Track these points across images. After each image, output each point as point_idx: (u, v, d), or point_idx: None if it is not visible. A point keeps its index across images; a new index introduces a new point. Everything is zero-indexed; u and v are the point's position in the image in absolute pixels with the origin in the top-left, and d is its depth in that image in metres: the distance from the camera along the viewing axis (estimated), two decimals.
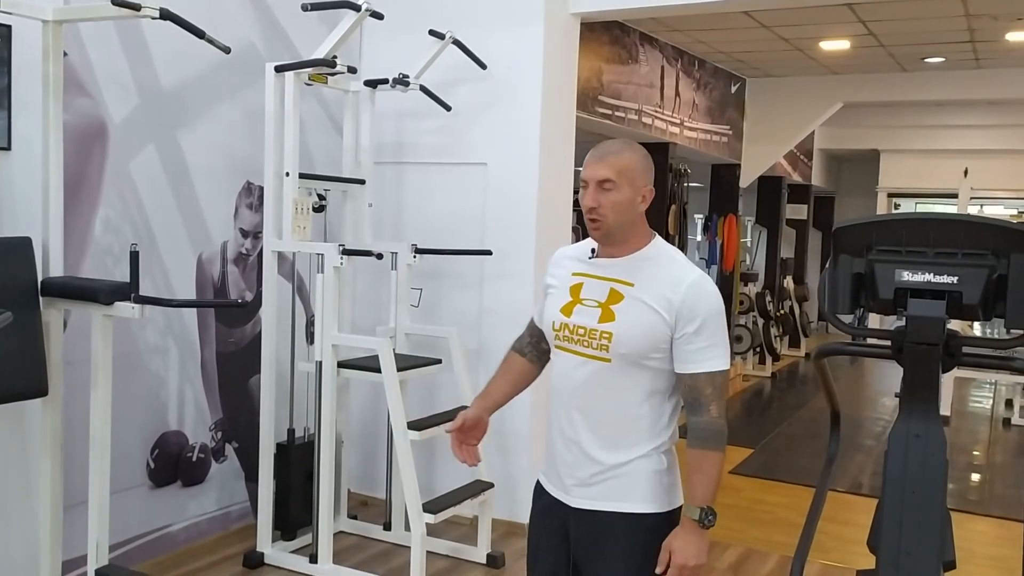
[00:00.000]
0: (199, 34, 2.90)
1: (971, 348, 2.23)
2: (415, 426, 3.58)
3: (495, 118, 4.32)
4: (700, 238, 9.27)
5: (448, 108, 4.27)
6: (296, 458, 3.95)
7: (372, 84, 4.09)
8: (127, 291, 2.76)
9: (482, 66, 4.23)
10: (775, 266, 10.95)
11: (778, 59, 8.04)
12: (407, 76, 4.06)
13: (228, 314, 4.00)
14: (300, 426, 4.10)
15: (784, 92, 8.98)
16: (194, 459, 3.89)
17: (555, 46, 4.30)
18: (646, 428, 1.99)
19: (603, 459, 2.01)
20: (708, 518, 1.92)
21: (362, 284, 4.57)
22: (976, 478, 6.20)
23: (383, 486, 4.28)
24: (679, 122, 7.53)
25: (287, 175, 3.65)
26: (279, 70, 3.64)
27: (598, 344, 1.97)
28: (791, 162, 11.07)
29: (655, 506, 1.99)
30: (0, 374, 2.65)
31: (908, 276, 2.16)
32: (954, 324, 2.23)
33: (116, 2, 2.62)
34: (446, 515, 3.65)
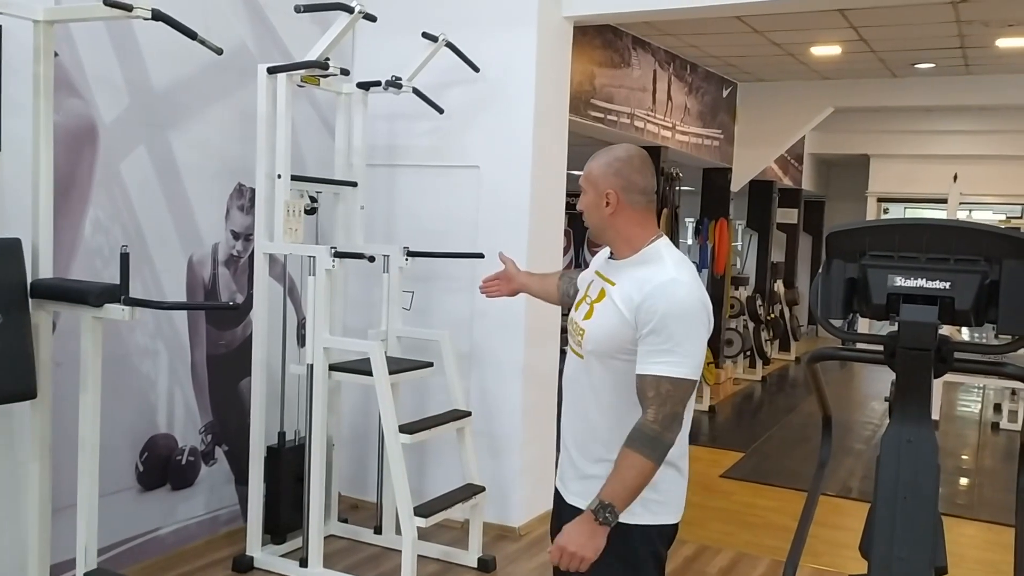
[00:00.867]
0: (191, 35, 2.89)
1: (963, 353, 2.23)
2: (406, 429, 3.57)
3: (488, 121, 4.32)
4: (691, 242, 9.29)
5: (441, 111, 4.27)
6: (286, 461, 3.94)
7: (365, 86, 4.08)
8: (117, 293, 2.75)
9: (475, 69, 4.23)
10: (765, 270, 10.98)
11: (769, 64, 8.07)
12: (400, 78, 4.05)
13: (219, 316, 3.98)
14: (291, 429, 4.09)
15: (775, 97, 9.01)
16: (183, 462, 3.87)
17: (548, 49, 4.30)
18: (610, 428, 1.98)
19: (578, 456, 2.08)
20: (603, 514, 1.84)
21: (354, 287, 4.56)
22: (965, 482, 6.23)
23: (374, 489, 4.27)
24: (671, 126, 7.54)
25: (279, 177, 3.64)
26: (271, 71, 3.63)
27: (577, 340, 2.07)
28: (782, 166, 11.10)
29: (624, 516, 1.89)
30: None
31: (901, 281, 2.17)
32: (943, 329, 2.23)
33: (108, 2, 2.60)
34: (437, 519, 3.64)
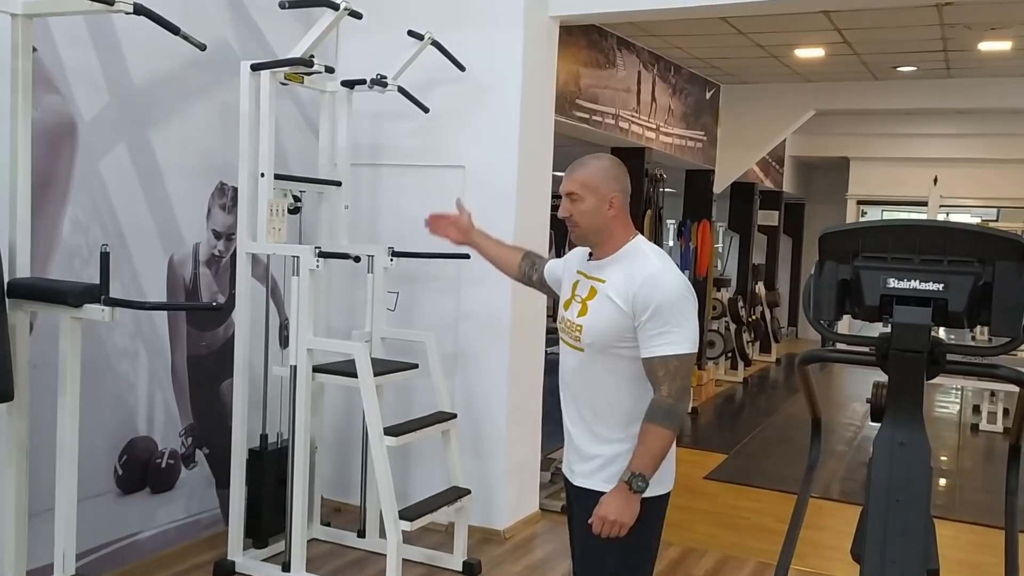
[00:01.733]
0: (173, 30, 2.84)
1: (955, 355, 2.23)
2: (392, 432, 3.53)
3: (474, 120, 4.29)
4: (673, 243, 9.31)
5: (426, 110, 4.23)
6: (269, 464, 3.88)
7: (349, 84, 4.04)
8: (96, 293, 2.69)
9: (461, 68, 4.20)
10: (747, 272, 11.03)
11: (753, 66, 8.09)
12: (385, 77, 4.01)
13: (200, 317, 3.93)
14: (273, 431, 4.03)
15: (758, 99, 9.05)
16: (163, 465, 3.81)
17: (534, 49, 4.28)
18: (625, 412, 2.19)
19: (588, 441, 2.26)
20: (637, 483, 2.07)
21: (337, 287, 4.51)
22: (944, 483, 6.26)
23: (357, 492, 4.22)
24: (655, 127, 7.54)
25: (262, 176, 3.60)
26: (255, 69, 3.58)
27: (575, 336, 2.25)
28: (763, 169, 11.15)
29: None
30: None
31: (894, 283, 2.16)
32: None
33: None
34: (422, 522, 3.59)
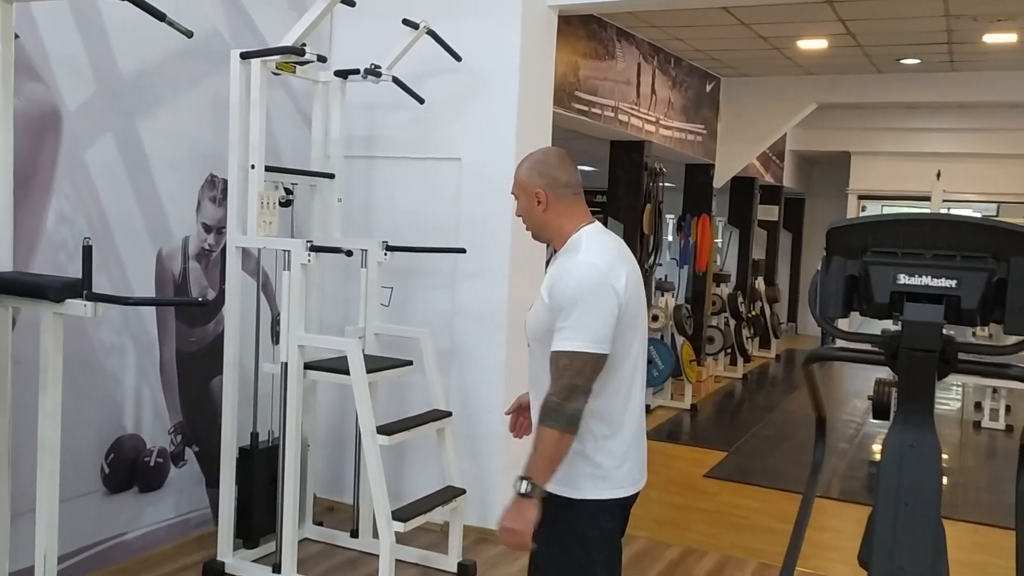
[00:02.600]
0: (159, 16, 2.78)
1: (967, 354, 2.15)
2: (385, 430, 3.47)
3: (470, 112, 4.21)
4: (672, 238, 9.22)
5: (421, 101, 4.15)
6: (260, 463, 3.82)
7: (343, 74, 3.97)
8: (79, 288, 2.61)
9: (457, 58, 4.12)
10: (747, 267, 10.95)
11: (754, 58, 8.00)
12: (379, 67, 3.94)
13: (189, 313, 3.85)
14: (264, 429, 3.96)
15: (759, 92, 8.96)
16: (152, 464, 3.74)
17: (532, 39, 4.20)
18: None
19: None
20: (522, 486, 2.01)
21: (330, 282, 4.43)
22: (946, 482, 6.19)
23: (350, 491, 4.15)
24: (655, 120, 7.45)
25: (252, 168, 3.53)
26: (245, 57, 3.51)
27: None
28: (763, 163, 11.07)
29: (555, 487, 2.09)
30: None
31: (905, 279, 2.08)
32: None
33: None
34: (416, 522, 3.53)
